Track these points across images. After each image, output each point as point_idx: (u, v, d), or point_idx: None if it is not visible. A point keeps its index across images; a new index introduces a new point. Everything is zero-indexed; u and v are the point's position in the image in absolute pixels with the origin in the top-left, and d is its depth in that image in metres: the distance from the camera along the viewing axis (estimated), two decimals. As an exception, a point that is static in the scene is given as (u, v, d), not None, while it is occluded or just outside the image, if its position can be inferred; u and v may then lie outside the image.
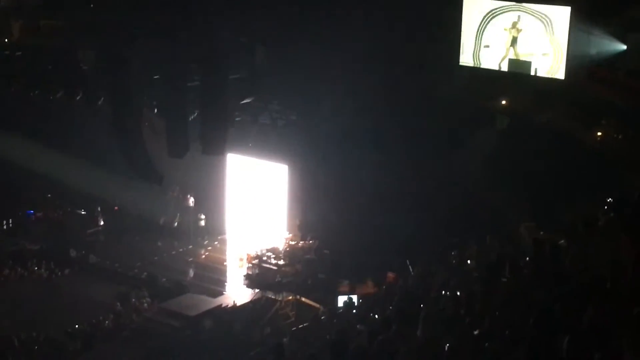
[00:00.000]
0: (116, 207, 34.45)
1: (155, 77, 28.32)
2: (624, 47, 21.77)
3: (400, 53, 24.71)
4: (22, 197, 34.49)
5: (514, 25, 23.02)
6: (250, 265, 27.80)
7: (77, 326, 25.89)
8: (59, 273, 30.47)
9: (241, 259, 28.87)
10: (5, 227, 33.80)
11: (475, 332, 10.45)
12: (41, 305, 27.62)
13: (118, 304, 27.39)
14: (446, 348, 10.29)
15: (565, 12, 22.05)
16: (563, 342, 8.27)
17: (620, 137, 21.56)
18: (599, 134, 21.83)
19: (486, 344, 9.90)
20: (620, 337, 7.98)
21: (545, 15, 22.38)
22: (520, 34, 22.88)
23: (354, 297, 22.76)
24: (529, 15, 22.74)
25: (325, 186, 27.62)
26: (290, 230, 29.22)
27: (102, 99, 30.49)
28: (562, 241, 13.45)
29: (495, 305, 11.29)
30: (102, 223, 33.75)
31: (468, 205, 23.85)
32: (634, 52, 21.69)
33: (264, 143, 29.64)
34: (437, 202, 24.50)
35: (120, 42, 27.93)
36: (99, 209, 33.87)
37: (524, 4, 22.72)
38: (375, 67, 25.09)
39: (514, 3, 22.91)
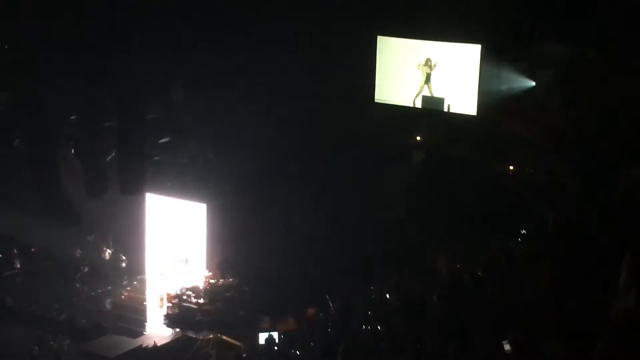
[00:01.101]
0: (33, 249, 33.94)
1: (72, 117, 28.15)
2: (533, 83, 22.47)
3: (317, 89, 25.04)
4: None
5: (427, 62, 23.58)
6: (170, 304, 27.66)
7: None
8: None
9: (161, 299, 28.73)
10: None
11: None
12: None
13: (36, 347, 26.89)
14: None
15: (475, 50, 22.67)
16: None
17: (530, 169, 22.18)
18: (511, 167, 22.42)
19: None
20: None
21: (457, 53, 22.97)
22: (433, 71, 23.42)
23: (275, 334, 22.81)
24: (442, 53, 23.31)
25: (244, 224, 27.65)
26: (210, 269, 29.13)
27: (18, 139, 30.13)
28: (479, 273, 13.79)
29: (417, 338, 11.54)
30: (18, 265, 33.19)
31: (387, 238, 24.17)
32: (542, 87, 22.38)
33: (183, 182, 29.58)
34: (356, 236, 24.76)
35: (35, 82, 27.72)
36: (15, 250, 33.33)
37: (436, 42, 23.28)
38: (293, 103, 25.38)
39: (426, 41, 23.46)
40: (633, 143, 16.34)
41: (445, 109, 23.23)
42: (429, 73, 23.66)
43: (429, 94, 23.61)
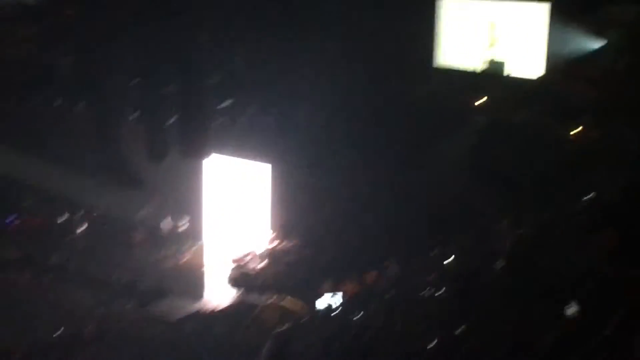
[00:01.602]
0: (96, 213, 34.32)
1: (134, 81, 28.25)
2: (603, 44, 21.89)
3: (378, 54, 24.75)
4: (2, 204, 34.30)
5: (491, 24, 23.10)
6: (231, 267, 27.75)
7: (58, 334, 25.77)
8: (40, 280, 30.31)
9: (222, 263, 28.85)
10: (-16, 234, 33.64)
11: (457, 331, 10.51)
12: (21, 313, 27.43)
13: (99, 310, 27.27)
14: (429, 345, 10.34)
15: (544, 9, 22.13)
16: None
17: (596, 134, 21.69)
18: (575, 132, 21.95)
19: (469, 343, 9.96)
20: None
21: (523, 13, 22.46)
22: (497, 33, 22.96)
23: (337, 297, 22.73)
24: (507, 13, 22.82)
25: (307, 186, 27.62)
26: (272, 231, 29.18)
27: (81, 103, 30.38)
28: (540, 239, 13.54)
29: (477, 304, 11.35)
30: (82, 229, 33.62)
31: (448, 204, 23.91)
32: (612, 49, 21.81)
33: (245, 144, 29.57)
34: (418, 202, 24.54)
35: (99, 47, 27.85)
36: (79, 214, 33.75)
37: (501, 2, 22.80)
38: (354, 67, 25.13)
39: (490, 1, 22.99)
40: None
41: (509, 73, 22.77)
42: (493, 36, 23.20)
43: (491, 58, 23.16)
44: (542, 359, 8.31)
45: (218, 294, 27.86)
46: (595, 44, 22.06)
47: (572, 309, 9.09)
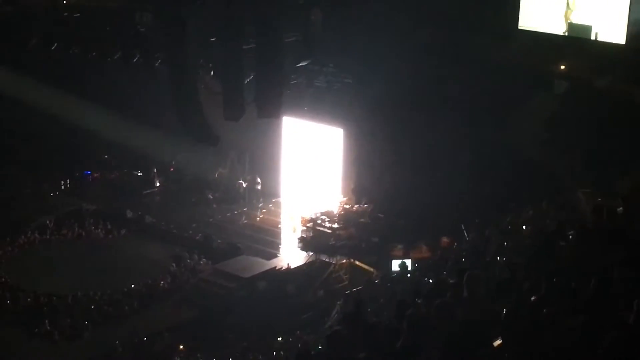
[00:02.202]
0: (172, 168, 34.75)
1: (212, 39, 28.31)
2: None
3: (458, 16, 24.43)
4: (80, 157, 34.92)
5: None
6: (304, 228, 27.90)
7: (132, 286, 26.26)
8: (116, 233, 30.86)
9: (294, 225, 29.08)
10: (63, 187, 34.29)
11: (532, 298, 10.37)
12: (98, 264, 28.02)
13: (173, 264, 27.70)
14: (503, 313, 10.24)
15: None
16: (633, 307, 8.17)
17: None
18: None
19: (544, 310, 9.83)
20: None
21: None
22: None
23: (408, 262, 22.71)
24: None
25: (380, 150, 27.56)
26: (344, 194, 29.24)
27: (159, 60, 30.59)
28: (621, 207, 13.29)
29: (553, 271, 11.19)
30: (158, 184, 34.09)
31: (524, 170, 23.64)
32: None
33: (320, 106, 29.61)
34: (493, 167, 24.31)
35: (177, 3, 27.94)
36: (155, 170, 34.22)
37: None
38: (433, 30, 24.84)
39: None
40: None
41: (593, 37, 22.30)
42: (576, 0, 22.72)
43: (573, 21, 22.69)
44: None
45: (291, 252, 28.07)
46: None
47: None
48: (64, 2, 31.37)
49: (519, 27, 23.33)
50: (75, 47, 31.97)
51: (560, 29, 22.80)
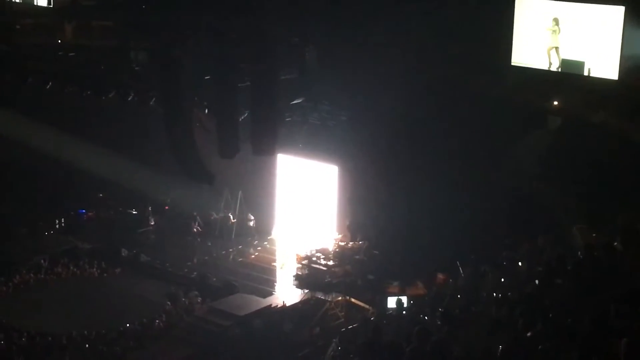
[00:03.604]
0: (167, 207, 34.72)
1: (206, 77, 28.44)
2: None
3: (452, 53, 24.55)
4: (75, 196, 34.89)
5: (567, 25, 22.76)
6: (300, 265, 27.85)
7: (127, 325, 26.13)
8: (110, 272, 30.77)
9: (283, 263, 29.12)
10: (58, 226, 34.27)
11: (528, 334, 10.35)
12: (92, 303, 27.92)
13: (168, 303, 27.58)
14: (499, 350, 10.21)
15: (619, 12, 21.77)
16: (620, 345, 8.16)
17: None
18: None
19: (539, 346, 9.81)
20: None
21: (599, 16, 22.11)
22: (573, 33, 22.60)
23: (404, 299, 22.64)
24: (583, 16, 22.47)
25: (375, 187, 27.54)
26: (339, 231, 29.22)
27: (154, 99, 30.72)
28: (616, 243, 13.28)
29: (549, 307, 11.18)
30: (152, 222, 34.04)
31: (520, 205, 23.64)
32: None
33: (314, 143, 29.67)
34: (489, 203, 24.31)
35: (171, 42, 28.09)
36: (149, 208, 34.19)
37: (577, 4, 22.46)
38: (426, 68, 24.96)
39: (566, 2, 22.66)
40: None
41: (585, 73, 22.42)
42: (568, 36, 22.84)
43: (565, 57, 22.80)
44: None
45: (286, 290, 27.98)
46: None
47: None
48: (59, 41, 31.50)
49: (512, 64, 23.45)
50: (70, 86, 32.08)
51: (553, 65, 22.93)
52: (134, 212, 34.88)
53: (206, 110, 30.74)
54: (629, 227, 13.65)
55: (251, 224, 32.62)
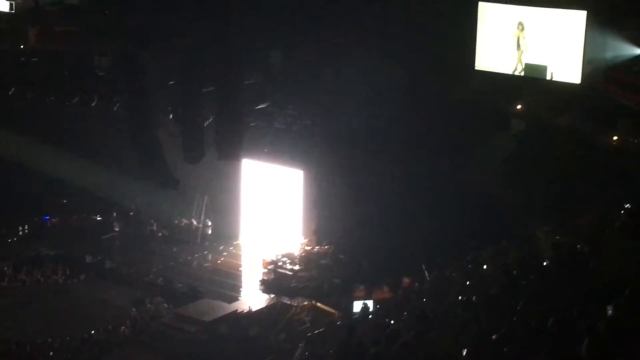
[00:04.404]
0: (132, 212, 34.54)
1: (171, 82, 28.37)
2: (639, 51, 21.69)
3: (416, 57, 24.66)
4: (39, 202, 34.59)
5: (530, 29, 22.93)
6: (265, 270, 27.79)
7: (93, 332, 25.95)
8: (75, 279, 30.55)
9: (257, 265, 28.99)
10: (22, 232, 33.94)
11: (494, 337, 10.39)
12: (57, 310, 27.71)
13: (134, 309, 27.45)
14: (464, 352, 10.24)
15: (581, 16, 21.97)
16: (582, 346, 8.21)
17: (636, 140, 21.45)
18: (615, 137, 21.73)
19: (505, 348, 9.85)
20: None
21: (562, 20, 22.31)
22: (537, 38, 22.78)
23: (370, 303, 22.67)
24: (546, 20, 22.67)
25: (341, 191, 27.56)
26: (305, 236, 29.19)
27: (118, 104, 30.57)
28: (580, 245, 13.37)
29: (514, 309, 11.23)
30: (117, 228, 33.84)
31: (484, 208, 23.77)
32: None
33: (279, 148, 29.63)
34: (453, 206, 24.42)
35: (135, 47, 27.99)
36: (114, 214, 33.99)
37: (540, 9, 22.65)
38: (391, 71, 25.04)
39: (530, 7, 22.84)
40: None
41: (548, 77, 22.61)
42: (531, 40, 23.02)
43: (529, 61, 22.99)
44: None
45: (252, 296, 27.92)
46: (633, 50, 21.85)
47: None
48: (22, 46, 31.25)
49: (476, 68, 23.59)
50: (33, 91, 31.84)
51: (518, 69, 23.10)
52: (99, 218, 34.63)
53: (171, 116, 30.63)
54: (592, 228, 13.75)
55: (209, 230, 32.50)
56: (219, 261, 31.15)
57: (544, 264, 13.33)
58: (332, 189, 28.00)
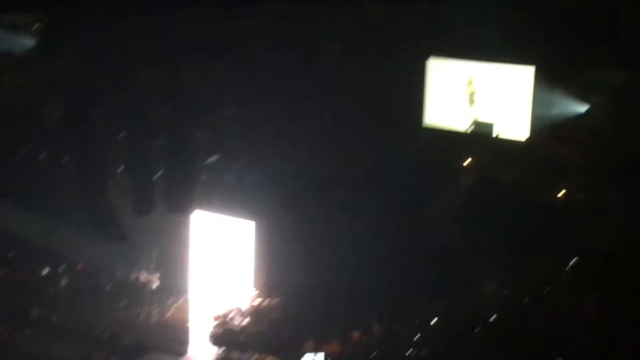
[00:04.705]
0: (79, 265, 34.10)
1: (120, 135, 28.29)
2: (586, 107, 22.09)
3: (365, 111, 24.89)
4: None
5: (478, 86, 23.27)
6: (214, 324, 27.58)
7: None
8: (20, 334, 30.00)
9: (205, 319, 28.74)
10: (-36, 286, 33.36)
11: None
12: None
13: (81, 364, 27.04)
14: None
15: (529, 71, 22.36)
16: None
17: (582, 196, 21.77)
18: (562, 193, 22.04)
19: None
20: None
21: (509, 75, 22.67)
22: (484, 95, 23.12)
23: (320, 356, 22.58)
24: (493, 77, 23.02)
25: (291, 243, 27.55)
26: (256, 288, 29.05)
27: (67, 156, 30.36)
28: (527, 299, 13.52)
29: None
30: (64, 282, 33.36)
31: (433, 263, 23.88)
32: (595, 113, 22.00)
33: (230, 200, 29.55)
34: (403, 261, 24.50)
35: (84, 100, 27.91)
36: (61, 267, 33.52)
37: (488, 65, 23.01)
38: (341, 124, 25.25)
39: (477, 63, 23.19)
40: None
41: (495, 134, 22.92)
42: (479, 98, 23.34)
43: (478, 119, 23.31)
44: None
45: (201, 350, 27.65)
46: (579, 107, 22.24)
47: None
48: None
49: (424, 125, 23.85)
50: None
51: (467, 126, 23.40)
52: (46, 271, 34.14)
53: (120, 168, 30.43)
54: (538, 283, 13.92)
55: (157, 284, 32.20)
56: (167, 315, 30.84)
57: (491, 319, 13.47)
58: (283, 241, 27.96)
